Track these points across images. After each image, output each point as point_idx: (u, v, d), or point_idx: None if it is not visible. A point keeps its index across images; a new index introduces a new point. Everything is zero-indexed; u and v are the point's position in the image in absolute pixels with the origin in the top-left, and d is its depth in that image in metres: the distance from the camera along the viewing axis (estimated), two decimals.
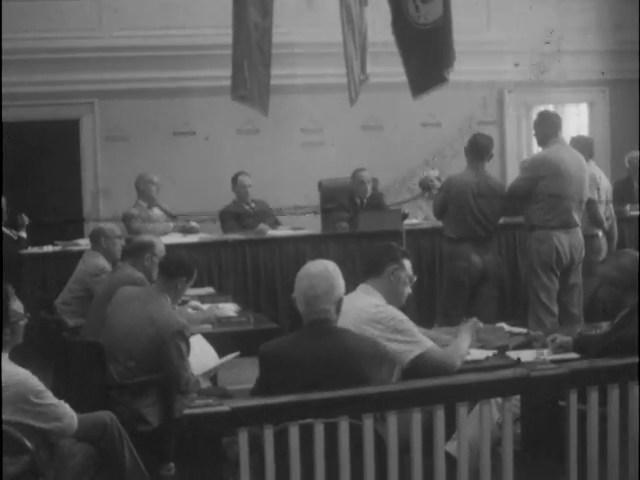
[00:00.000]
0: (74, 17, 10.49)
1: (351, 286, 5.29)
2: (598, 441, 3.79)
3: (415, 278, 5.05)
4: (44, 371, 5.66)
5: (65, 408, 4.37)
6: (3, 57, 9.88)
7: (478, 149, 7.78)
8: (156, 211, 9.53)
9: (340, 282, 4.12)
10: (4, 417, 4.04)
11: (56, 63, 10.37)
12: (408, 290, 4.98)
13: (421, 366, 4.68)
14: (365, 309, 4.73)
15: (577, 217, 7.46)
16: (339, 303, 4.10)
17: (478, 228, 7.69)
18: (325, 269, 4.12)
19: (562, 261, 7.38)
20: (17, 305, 4.46)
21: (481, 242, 7.72)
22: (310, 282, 4.06)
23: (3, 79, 9.84)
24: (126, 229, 8.93)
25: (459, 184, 7.73)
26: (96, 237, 7.52)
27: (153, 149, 10.77)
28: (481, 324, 5.16)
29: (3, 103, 9.99)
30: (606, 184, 8.08)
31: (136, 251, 6.55)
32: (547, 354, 4.91)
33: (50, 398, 4.31)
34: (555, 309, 7.44)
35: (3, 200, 9.32)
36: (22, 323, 4.48)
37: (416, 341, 4.70)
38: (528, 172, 7.58)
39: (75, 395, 5.54)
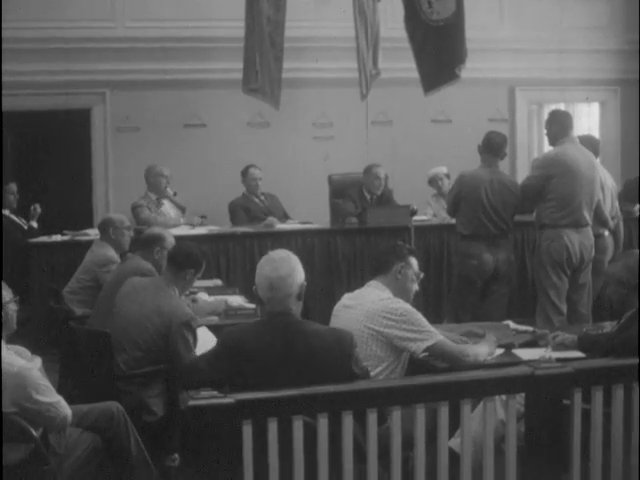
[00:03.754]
0: (87, 7, 10.48)
1: (359, 280, 5.33)
2: (602, 440, 3.80)
3: (422, 275, 5.13)
4: (51, 360, 5.69)
5: (61, 406, 4.26)
6: (15, 46, 9.91)
7: (492, 146, 7.77)
8: (166, 203, 9.54)
9: (300, 269, 4.20)
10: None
11: (68, 53, 10.37)
12: (415, 287, 5.08)
13: (433, 356, 4.82)
14: (376, 302, 4.83)
15: (588, 216, 7.43)
16: (301, 289, 4.16)
17: (490, 226, 7.67)
18: (286, 255, 4.23)
19: (572, 260, 7.36)
20: (5, 290, 4.45)
21: (493, 240, 7.70)
22: (273, 265, 4.15)
23: (14, 68, 9.87)
24: (135, 220, 8.94)
25: (471, 181, 7.72)
26: (105, 227, 7.51)
27: (164, 140, 10.77)
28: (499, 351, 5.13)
29: (15, 92, 10.01)
30: (611, 183, 8.05)
31: (146, 243, 6.56)
32: (548, 351, 4.92)
33: (50, 394, 4.23)
34: (564, 308, 7.42)
35: (13, 186, 9.34)
36: (13, 307, 4.48)
37: (428, 331, 4.79)
38: (539, 170, 7.56)
39: (82, 384, 5.58)
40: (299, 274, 4.17)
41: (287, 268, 4.14)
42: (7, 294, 4.45)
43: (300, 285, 4.15)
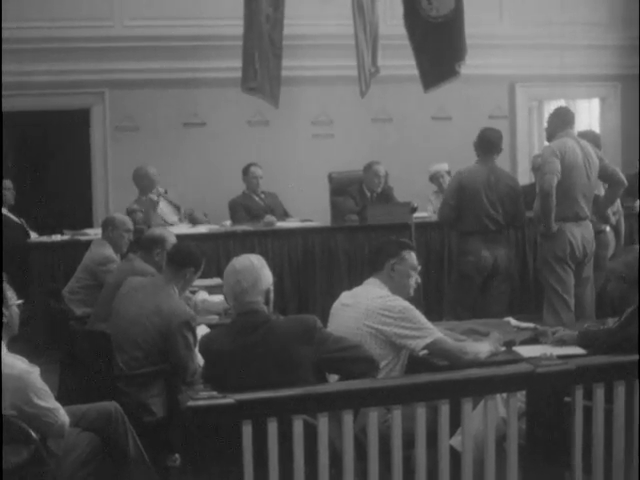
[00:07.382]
0: (85, 6, 10.46)
1: (359, 278, 5.30)
2: (603, 437, 3.78)
3: (419, 267, 5.07)
4: (51, 361, 5.68)
5: (59, 413, 4.26)
6: (14, 46, 9.89)
7: (487, 143, 7.76)
8: (160, 203, 9.51)
9: (266, 274, 4.27)
10: None
11: (67, 52, 10.35)
12: (413, 280, 5.02)
13: (433, 354, 4.80)
14: (374, 300, 4.80)
15: (587, 209, 7.37)
16: (267, 294, 4.25)
17: (488, 222, 7.66)
18: (250, 264, 4.26)
19: (575, 254, 7.29)
20: (10, 292, 4.45)
21: (492, 237, 7.69)
22: (236, 277, 4.21)
23: (14, 68, 9.85)
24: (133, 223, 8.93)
25: (469, 177, 7.71)
26: (106, 225, 7.53)
27: (163, 140, 10.76)
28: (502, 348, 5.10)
29: (13, 92, 9.99)
30: None
31: (147, 245, 6.54)
32: (547, 348, 4.90)
33: (49, 400, 4.22)
34: (572, 303, 7.33)
35: (8, 182, 9.27)
36: (17, 310, 4.47)
37: (426, 329, 4.76)
38: (554, 163, 7.36)
39: (81, 384, 5.57)
40: (264, 281, 4.24)
41: (250, 279, 4.20)
42: (12, 296, 4.44)
43: (265, 291, 4.24)
